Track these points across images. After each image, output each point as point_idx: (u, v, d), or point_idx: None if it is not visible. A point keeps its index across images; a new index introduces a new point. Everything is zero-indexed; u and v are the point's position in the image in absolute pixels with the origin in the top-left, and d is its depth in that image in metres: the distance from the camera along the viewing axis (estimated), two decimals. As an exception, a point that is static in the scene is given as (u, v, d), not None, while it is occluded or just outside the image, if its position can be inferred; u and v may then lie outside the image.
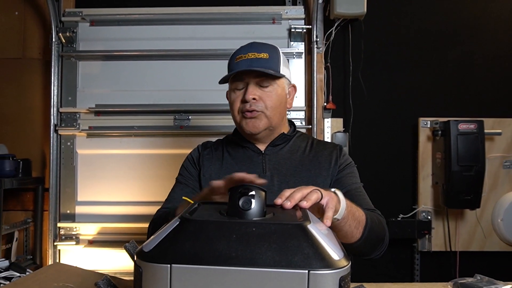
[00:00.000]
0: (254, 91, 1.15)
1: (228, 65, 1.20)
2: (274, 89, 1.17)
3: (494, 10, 2.23)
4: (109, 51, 2.18)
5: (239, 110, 1.18)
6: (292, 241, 0.56)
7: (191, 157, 1.29)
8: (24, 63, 2.26)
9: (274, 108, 1.17)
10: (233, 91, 1.19)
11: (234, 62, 1.16)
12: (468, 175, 1.94)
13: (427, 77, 2.22)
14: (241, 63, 1.14)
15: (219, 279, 0.53)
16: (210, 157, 1.26)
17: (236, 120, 1.21)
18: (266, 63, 1.13)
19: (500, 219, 2.08)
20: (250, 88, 1.15)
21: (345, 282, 0.55)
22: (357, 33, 2.19)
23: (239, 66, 1.14)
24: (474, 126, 1.96)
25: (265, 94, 1.15)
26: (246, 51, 1.16)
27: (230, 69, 1.18)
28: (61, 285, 0.88)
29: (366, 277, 0.96)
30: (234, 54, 1.19)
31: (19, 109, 2.25)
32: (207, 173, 1.22)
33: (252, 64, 1.13)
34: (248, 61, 1.13)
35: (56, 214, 2.16)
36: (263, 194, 0.65)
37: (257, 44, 1.20)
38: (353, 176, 1.21)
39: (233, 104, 1.19)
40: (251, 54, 1.15)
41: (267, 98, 1.15)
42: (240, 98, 1.17)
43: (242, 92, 1.17)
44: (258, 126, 1.16)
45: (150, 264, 0.55)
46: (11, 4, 2.26)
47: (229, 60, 1.20)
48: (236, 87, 1.18)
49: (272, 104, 1.16)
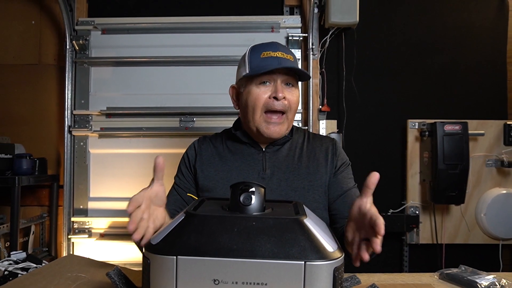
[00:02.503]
0: (284, 90, 1.06)
1: (249, 60, 1.08)
2: (296, 90, 1.10)
3: (476, 20, 2.23)
4: (119, 58, 2.18)
5: (262, 108, 1.06)
6: (289, 234, 0.56)
7: (187, 157, 1.19)
8: (40, 68, 2.26)
9: (294, 111, 1.10)
10: (257, 86, 1.06)
11: (261, 57, 1.06)
12: (453, 173, 1.94)
13: (415, 82, 2.22)
14: (270, 59, 1.05)
15: (222, 270, 0.53)
16: (208, 154, 1.16)
17: (255, 119, 1.07)
18: (293, 65, 1.06)
19: (483, 214, 2.08)
20: (279, 86, 1.05)
21: (339, 272, 0.55)
22: (350, 41, 2.18)
23: (269, 62, 1.04)
24: (459, 127, 1.96)
25: (291, 94, 1.08)
26: (275, 49, 1.07)
27: (254, 63, 1.06)
28: (75, 275, 0.88)
29: (359, 268, 0.96)
30: (257, 49, 1.09)
31: (35, 111, 2.25)
32: (207, 170, 1.14)
33: (282, 63, 1.04)
34: (278, 59, 1.04)
35: (70, 209, 2.16)
36: (262, 191, 0.65)
37: (281, 45, 1.11)
38: (350, 178, 1.16)
39: (257, 99, 1.06)
40: (280, 53, 1.06)
41: (292, 98, 1.08)
42: (267, 94, 1.05)
43: (269, 88, 1.06)
44: (280, 132, 1.08)
45: (158, 256, 0.55)
46: (28, 14, 2.26)
47: (250, 55, 1.09)
48: (262, 81, 1.06)
49: (294, 105, 1.09)
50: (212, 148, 1.18)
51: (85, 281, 0.85)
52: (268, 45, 1.09)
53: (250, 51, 1.10)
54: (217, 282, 0.53)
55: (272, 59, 1.05)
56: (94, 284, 0.83)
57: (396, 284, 0.94)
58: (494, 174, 2.12)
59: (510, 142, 2.10)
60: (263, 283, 0.53)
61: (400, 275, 1.03)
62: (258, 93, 1.06)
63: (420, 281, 0.98)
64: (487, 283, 0.92)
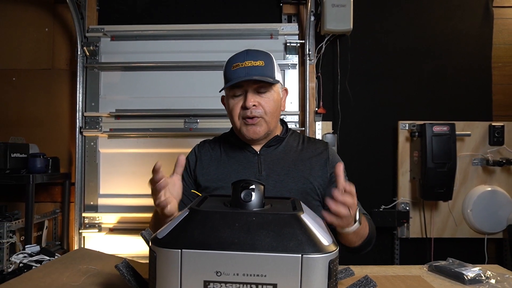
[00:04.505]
0: (254, 98, 1.06)
1: (224, 72, 1.10)
2: (271, 94, 1.08)
3: (463, 28, 2.23)
4: (128, 63, 2.18)
5: (239, 116, 1.08)
6: (287, 229, 0.56)
7: (188, 163, 1.17)
8: (53, 73, 2.26)
9: (272, 113, 1.09)
10: (232, 98, 1.09)
11: (231, 70, 1.06)
12: (441, 171, 1.94)
13: (406, 85, 2.22)
14: (238, 71, 1.05)
15: (224, 262, 0.53)
16: (207, 157, 1.17)
17: (236, 125, 1.11)
18: (263, 71, 1.05)
19: (469, 210, 2.08)
20: (249, 95, 1.06)
21: (334, 264, 0.55)
22: (344, 47, 2.18)
23: (237, 74, 1.05)
24: (447, 128, 1.96)
25: (264, 100, 1.07)
26: (242, 59, 1.06)
27: (227, 76, 1.08)
28: (85, 267, 0.88)
29: (352, 261, 0.96)
30: (230, 61, 1.09)
31: (48, 113, 2.25)
32: (206, 173, 1.13)
33: (249, 72, 1.04)
34: (245, 69, 1.04)
35: (81, 205, 2.16)
36: (262, 188, 0.65)
37: (252, 51, 1.10)
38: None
39: (233, 110, 1.09)
40: (248, 62, 1.05)
41: (266, 104, 1.07)
42: (239, 104, 1.08)
43: (241, 98, 1.08)
44: (258, 132, 1.08)
45: (163, 249, 0.55)
46: (42, 22, 2.26)
47: (225, 67, 1.10)
48: (235, 94, 1.08)
49: (270, 109, 1.08)
50: (211, 152, 1.18)
51: (95, 272, 0.85)
52: (238, 56, 1.09)
53: (226, 64, 1.11)
54: (219, 274, 0.53)
55: (240, 70, 1.05)
56: (104, 275, 0.83)
57: (388, 276, 0.94)
58: (479, 173, 2.12)
59: (495, 142, 2.10)
60: (262, 274, 0.53)
61: (392, 267, 1.03)
62: (233, 104, 1.09)
63: (410, 272, 0.98)
64: (473, 274, 0.92)
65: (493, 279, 0.92)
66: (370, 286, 0.66)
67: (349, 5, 2.01)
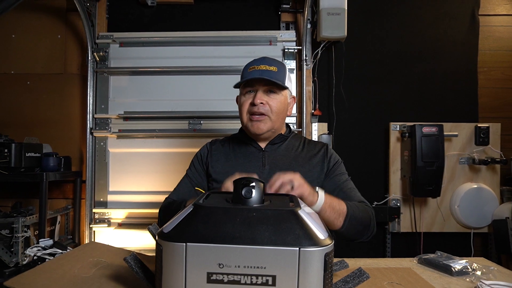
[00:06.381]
0: (262, 96, 1.12)
1: (241, 73, 1.16)
2: (279, 97, 1.14)
3: (452, 34, 2.23)
4: (135, 68, 2.19)
5: (247, 112, 1.14)
6: (285, 224, 0.56)
7: (200, 155, 1.25)
8: (65, 77, 2.26)
9: (277, 113, 1.13)
10: (243, 95, 1.15)
11: (248, 71, 1.13)
12: (430, 169, 1.94)
13: (397, 89, 2.22)
14: (253, 72, 1.11)
15: (226, 255, 0.53)
16: (217, 152, 1.22)
17: (243, 120, 1.16)
18: (275, 75, 1.10)
19: (456, 206, 2.07)
20: (259, 93, 1.11)
21: (329, 257, 0.55)
22: (339, 53, 2.18)
23: (252, 74, 1.11)
24: (435, 129, 1.96)
25: (271, 100, 1.12)
26: (259, 63, 1.13)
27: (243, 77, 1.14)
28: (96, 260, 0.88)
29: (347, 253, 0.96)
30: (248, 64, 1.16)
31: (61, 115, 2.25)
32: (216, 166, 1.19)
33: (263, 74, 1.10)
34: (259, 71, 1.10)
35: (91, 202, 2.16)
36: (261, 185, 0.65)
37: (269, 58, 1.16)
38: (342, 174, 1.17)
39: (242, 106, 1.15)
40: (263, 66, 1.12)
41: (273, 103, 1.12)
42: (249, 101, 1.13)
43: (251, 96, 1.13)
44: (262, 128, 1.13)
45: (169, 242, 0.55)
46: (54, 29, 2.26)
47: (243, 69, 1.16)
48: (247, 92, 1.15)
49: (275, 109, 1.13)
50: (221, 148, 1.24)
51: (105, 265, 0.85)
52: (257, 60, 1.15)
53: (244, 66, 1.17)
54: (221, 266, 0.53)
55: (255, 72, 1.11)
56: (113, 267, 0.83)
57: (380, 268, 0.94)
58: (466, 171, 2.12)
59: (480, 142, 2.10)
60: (262, 266, 0.53)
61: (383, 259, 1.03)
62: (244, 100, 1.15)
63: (401, 265, 0.98)
64: (460, 266, 0.92)
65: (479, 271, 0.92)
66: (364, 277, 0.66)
67: (343, 14, 2.01)
